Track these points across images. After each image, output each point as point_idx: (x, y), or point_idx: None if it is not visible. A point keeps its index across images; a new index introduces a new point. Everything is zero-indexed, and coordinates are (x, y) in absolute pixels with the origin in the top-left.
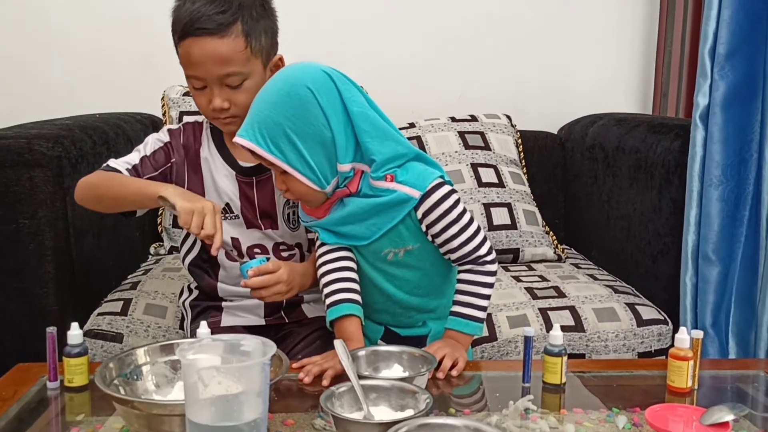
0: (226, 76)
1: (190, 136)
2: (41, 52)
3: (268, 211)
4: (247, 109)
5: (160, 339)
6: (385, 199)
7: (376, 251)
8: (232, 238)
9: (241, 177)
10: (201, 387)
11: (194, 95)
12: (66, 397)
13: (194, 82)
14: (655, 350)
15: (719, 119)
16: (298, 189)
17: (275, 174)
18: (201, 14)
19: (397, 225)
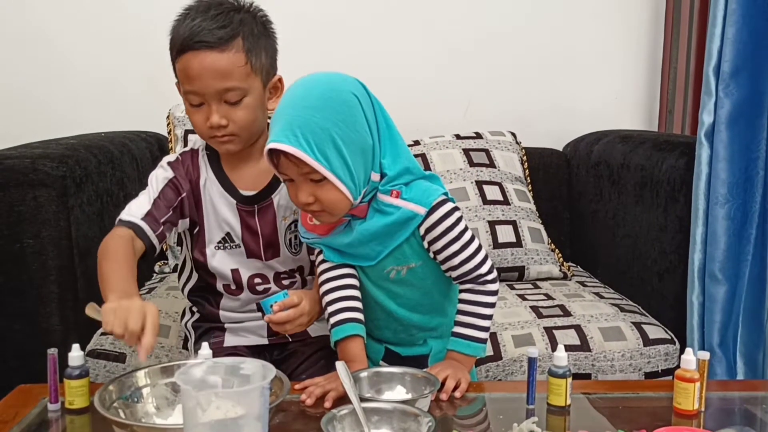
0: (225, 90)
1: (189, 165)
2: (47, 72)
3: (271, 238)
4: (247, 127)
5: (163, 359)
6: (391, 219)
7: (380, 270)
8: (231, 270)
9: (242, 206)
10: (199, 411)
11: (191, 113)
12: (67, 420)
13: (192, 98)
14: (662, 370)
15: (724, 137)
16: (330, 198)
17: (302, 183)
18: (201, 29)
19: (401, 243)
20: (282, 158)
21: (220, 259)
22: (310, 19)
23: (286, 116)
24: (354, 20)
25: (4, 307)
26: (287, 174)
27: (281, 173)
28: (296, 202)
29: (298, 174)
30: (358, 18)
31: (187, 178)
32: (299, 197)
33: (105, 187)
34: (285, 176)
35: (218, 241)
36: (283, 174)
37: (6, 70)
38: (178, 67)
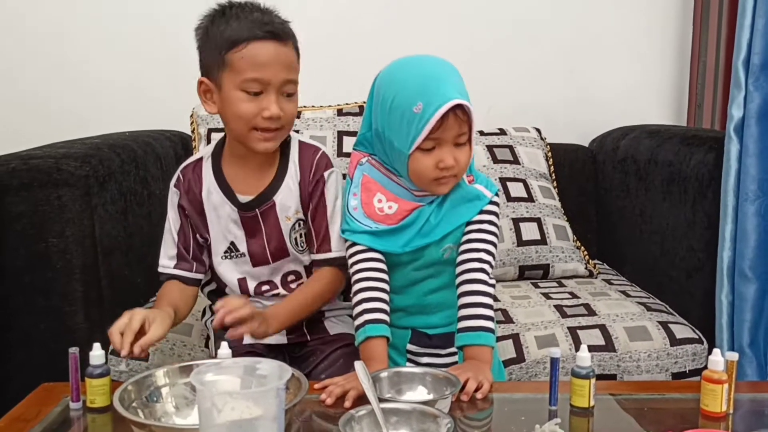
0: (287, 82)
1: (191, 179)
2: (71, 74)
3: (277, 239)
4: (292, 122)
5: (185, 357)
6: (463, 193)
7: (436, 249)
8: (238, 280)
9: (244, 212)
10: (215, 412)
11: (241, 103)
12: (88, 418)
13: (252, 86)
14: (689, 371)
15: (754, 132)
16: (466, 161)
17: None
18: (269, 21)
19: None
20: (450, 118)
21: (227, 268)
22: (328, 21)
23: (440, 79)
24: (374, 20)
25: (29, 306)
26: (441, 136)
27: (433, 138)
28: (439, 167)
29: (454, 135)
30: (378, 18)
31: (189, 195)
32: (445, 160)
33: (129, 186)
34: (434, 140)
35: (224, 251)
36: (434, 138)
37: (31, 72)
38: (242, 54)
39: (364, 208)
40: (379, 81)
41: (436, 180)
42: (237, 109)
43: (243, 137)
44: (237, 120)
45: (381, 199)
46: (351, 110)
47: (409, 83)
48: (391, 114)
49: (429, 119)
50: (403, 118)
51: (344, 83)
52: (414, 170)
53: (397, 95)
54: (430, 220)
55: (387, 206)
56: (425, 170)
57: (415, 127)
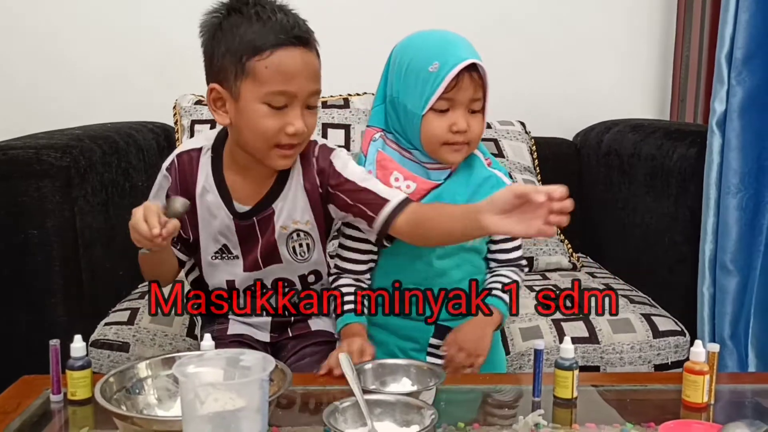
0: (313, 93)
1: (185, 169)
2: (53, 64)
3: (271, 249)
4: (311, 135)
5: (166, 347)
6: (489, 180)
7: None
8: (227, 281)
9: (241, 221)
10: (198, 404)
11: (264, 119)
12: (69, 411)
13: (277, 100)
14: (671, 362)
15: (736, 126)
16: (479, 130)
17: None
18: (294, 23)
19: None
20: (465, 78)
21: (216, 268)
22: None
23: (457, 43)
24: (359, 14)
25: (8, 299)
26: (455, 97)
27: (447, 98)
28: (452, 130)
29: (468, 97)
30: (363, 11)
31: (181, 187)
32: (459, 123)
33: (110, 177)
34: (448, 101)
35: (215, 251)
36: (448, 98)
37: (12, 62)
38: (264, 64)
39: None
40: (396, 50)
41: (447, 144)
42: (259, 125)
43: (259, 153)
44: (257, 136)
45: (398, 177)
46: (335, 102)
47: (426, 46)
48: (407, 76)
49: (445, 76)
50: (418, 78)
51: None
52: (426, 133)
53: (414, 57)
54: (456, 201)
55: (405, 185)
56: (437, 132)
57: (431, 85)
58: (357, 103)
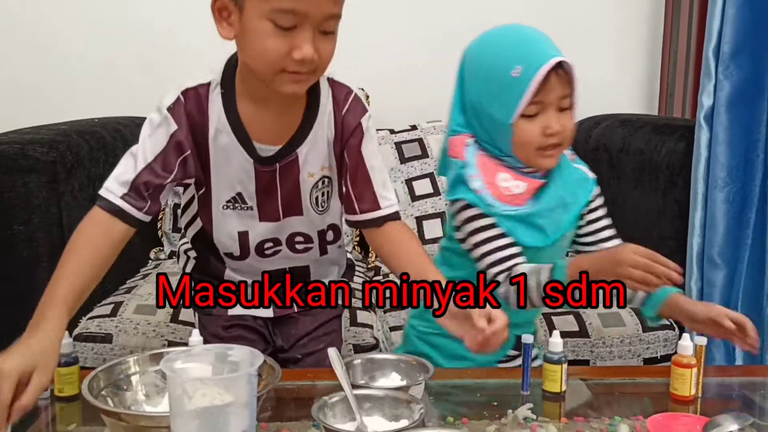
0: (330, 17)
1: (193, 108)
2: (40, 58)
3: (292, 196)
4: (328, 63)
5: (150, 335)
6: (578, 176)
7: (561, 242)
8: (239, 233)
9: (261, 166)
10: (186, 399)
11: (267, 38)
12: (57, 407)
13: (284, 19)
14: (661, 356)
15: (724, 120)
16: (571, 128)
17: (551, 110)
18: None
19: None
20: (552, 78)
21: (228, 219)
22: None
23: (537, 40)
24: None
25: None
26: (544, 99)
27: (536, 102)
28: (545, 133)
29: (557, 97)
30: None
31: (191, 129)
32: (552, 125)
33: (97, 173)
34: (537, 105)
35: (227, 200)
36: (537, 102)
37: (0, 56)
38: None
39: (490, 190)
40: (468, 54)
41: (541, 149)
42: (261, 45)
43: (265, 77)
44: (260, 57)
45: (506, 177)
46: None
47: (503, 48)
48: (489, 83)
49: (530, 81)
50: (501, 85)
51: None
52: (518, 141)
53: (493, 62)
54: (564, 201)
55: (514, 185)
56: (531, 138)
57: (516, 92)
58: None
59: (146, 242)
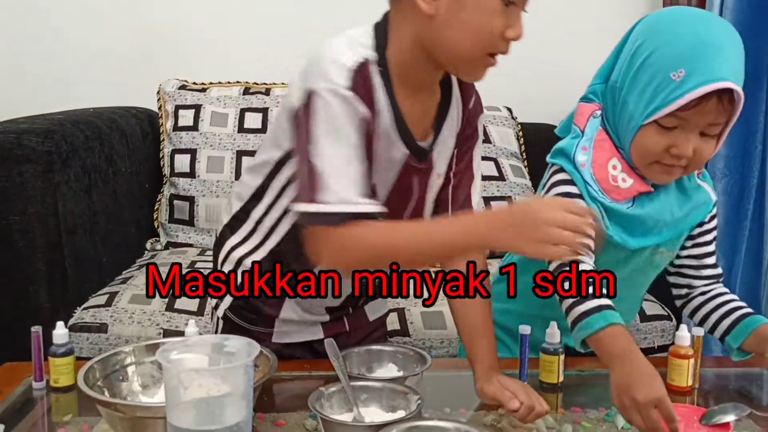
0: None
1: (361, 88)
2: (37, 47)
3: (420, 204)
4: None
5: (145, 323)
6: (694, 199)
7: (649, 251)
8: None
9: (416, 161)
10: (182, 390)
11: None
12: (52, 398)
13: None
14: (658, 346)
15: None
16: (707, 155)
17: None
18: None
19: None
20: (711, 102)
21: None
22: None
23: (718, 49)
24: None
25: None
26: (690, 118)
27: (679, 116)
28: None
29: (707, 122)
30: None
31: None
32: (682, 148)
33: (93, 162)
34: (679, 119)
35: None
36: (680, 117)
37: None
38: None
39: (595, 169)
40: (639, 28)
41: (659, 164)
42: (484, 23)
43: (463, 60)
44: (476, 36)
45: (616, 166)
46: (258, 90)
47: (677, 42)
48: (641, 71)
49: (685, 93)
50: (653, 80)
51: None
52: (638, 145)
53: (657, 51)
54: (665, 216)
55: (621, 177)
56: (652, 148)
57: (665, 95)
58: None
59: (143, 233)
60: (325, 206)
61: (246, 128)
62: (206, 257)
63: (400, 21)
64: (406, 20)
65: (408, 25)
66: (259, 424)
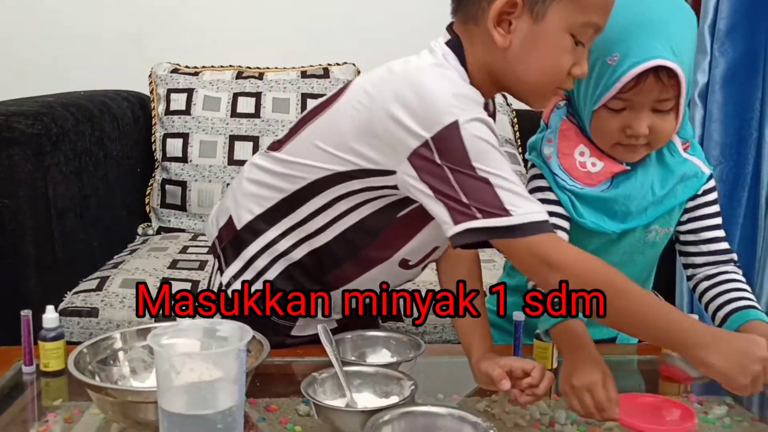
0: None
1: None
2: (27, 29)
3: None
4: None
5: (135, 308)
6: (685, 168)
7: (639, 232)
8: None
9: None
10: (173, 374)
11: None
12: (42, 382)
13: (586, 34)
14: None
15: (719, 97)
16: (667, 130)
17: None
18: None
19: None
20: (648, 80)
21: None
22: None
23: (651, 28)
24: None
25: None
26: (634, 98)
27: (623, 98)
28: (626, 133)
29: (652, 99)
30: None
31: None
32: (635, 126)
33: (83, 146)
34: (624, 101)
35: None
36: (624, 99)
37: None
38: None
39: (561, 159)
40: None
41: (620, 145)
42: (557, 60)
43: (534, 92)
44: (547, 71)
45: (584, 152)
46: (315, 72)
47: (612, 26)
48: (589, 57)
49: (620, 77)
50: (595, 67)
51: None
52: (596, 129)
53: (600, 37)
54: (646, 193)
55: (591, 162)
56: (608, 131)
57: (605, 81)
58: (337, 73)
59: (134, 218)
60: (532, 215)
61: (239, 113)
62: (198, 242)
63: (471, 44)
64: (478, 47)
65: (480, 52)
66: (251, 410)
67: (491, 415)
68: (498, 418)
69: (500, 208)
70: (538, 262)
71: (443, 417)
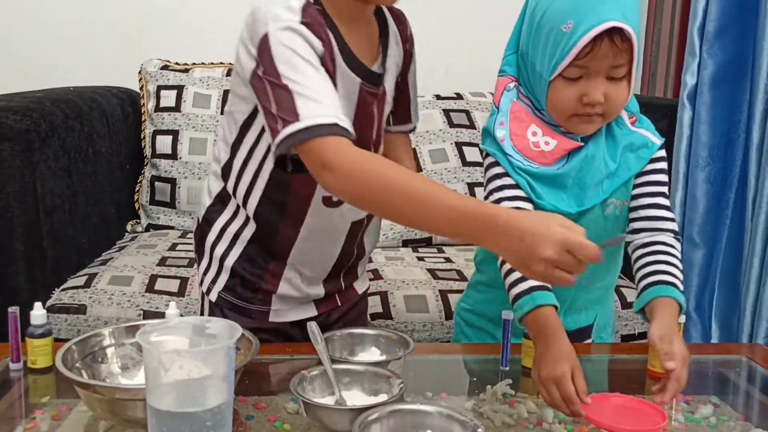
0: None
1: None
2: (17, 24)
3: (380, 131)
4: None
5: (124, 304)
6: (626, 142)
7: (596, 209)
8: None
9: (368, 86)
10: (162, 372)
11: None
12: (30, 379)
13: None
14: (638, 333)
15: (707, 99)
16: (621, 99)
17: (598, 79)
18: None
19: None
20: (603, 44)
21: None
22: None
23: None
24: None
25: None
26: (590, 65)
27: (579, 65)
28: (583, 101)
29: (607, 65)
30: None
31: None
32: (591, 94)
33: (72, 142)
34: (581, 69)
35: None
36: (581, 66)
37: None
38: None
39: (514, 141)
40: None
41: (577, 116)
42: None
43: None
44: None
45: (536, 132)
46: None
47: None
48: (538, 32)
49: (576, 42)
50: (550, 37)
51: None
52: (552, 101)
53: (549, 10)
54: (599, 167)
55: (544, 141)
56: (565, 102)
57: (561, 49)
58: None
59: (123, 214)
60: (317, 119)
61: None
62: (187, 240)
63: None
64: None
65: None
66: (240, 407)
67: (479, 414)
68: (486, 416)
69: (293, 113)
70: (318, 164)
71: (432, 415)
